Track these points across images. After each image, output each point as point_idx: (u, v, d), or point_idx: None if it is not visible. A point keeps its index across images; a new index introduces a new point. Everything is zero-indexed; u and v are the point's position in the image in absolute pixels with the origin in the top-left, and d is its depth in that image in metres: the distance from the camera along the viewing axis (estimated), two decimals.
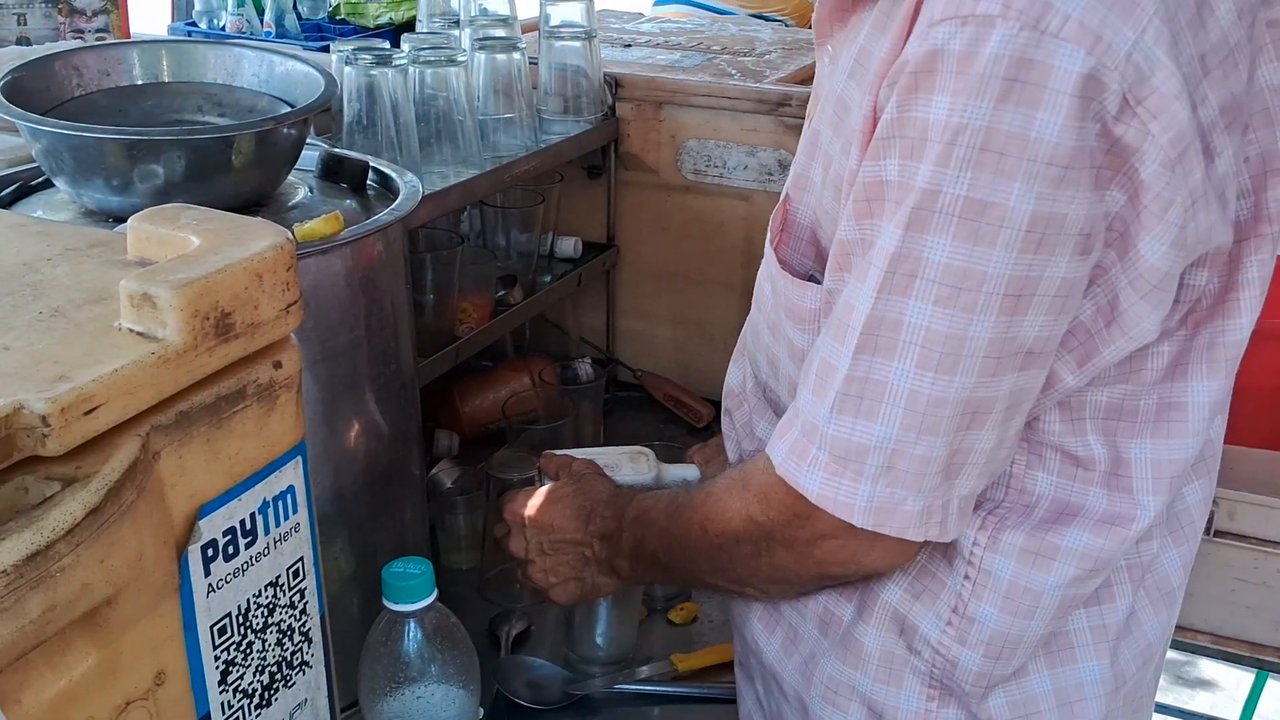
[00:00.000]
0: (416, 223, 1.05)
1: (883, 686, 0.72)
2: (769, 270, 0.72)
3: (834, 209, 0.66)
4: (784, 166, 1.32)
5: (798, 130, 1.30)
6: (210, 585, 0.58)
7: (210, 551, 0.57)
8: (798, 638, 0.77)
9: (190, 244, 0.59)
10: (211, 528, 0.57)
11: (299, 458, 0.63)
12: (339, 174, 0.92)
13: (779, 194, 1.39)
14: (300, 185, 0.90)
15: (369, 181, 0.95)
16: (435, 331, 1.16)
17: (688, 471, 0.95)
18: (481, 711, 0.73)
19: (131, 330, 0.54)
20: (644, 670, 1.01)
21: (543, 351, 1.44)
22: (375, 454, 0.90)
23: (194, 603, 0.57)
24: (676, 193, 1.38)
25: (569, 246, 1.40)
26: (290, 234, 0.61)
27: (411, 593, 0.68)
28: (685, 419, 1.43)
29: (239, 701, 0.61)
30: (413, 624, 0.68)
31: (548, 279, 1.36)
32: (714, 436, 0.97)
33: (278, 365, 0.60)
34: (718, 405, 1.32)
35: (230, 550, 0.58)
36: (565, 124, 1.34)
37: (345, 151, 0.96)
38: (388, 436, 0.91)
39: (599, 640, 1.03)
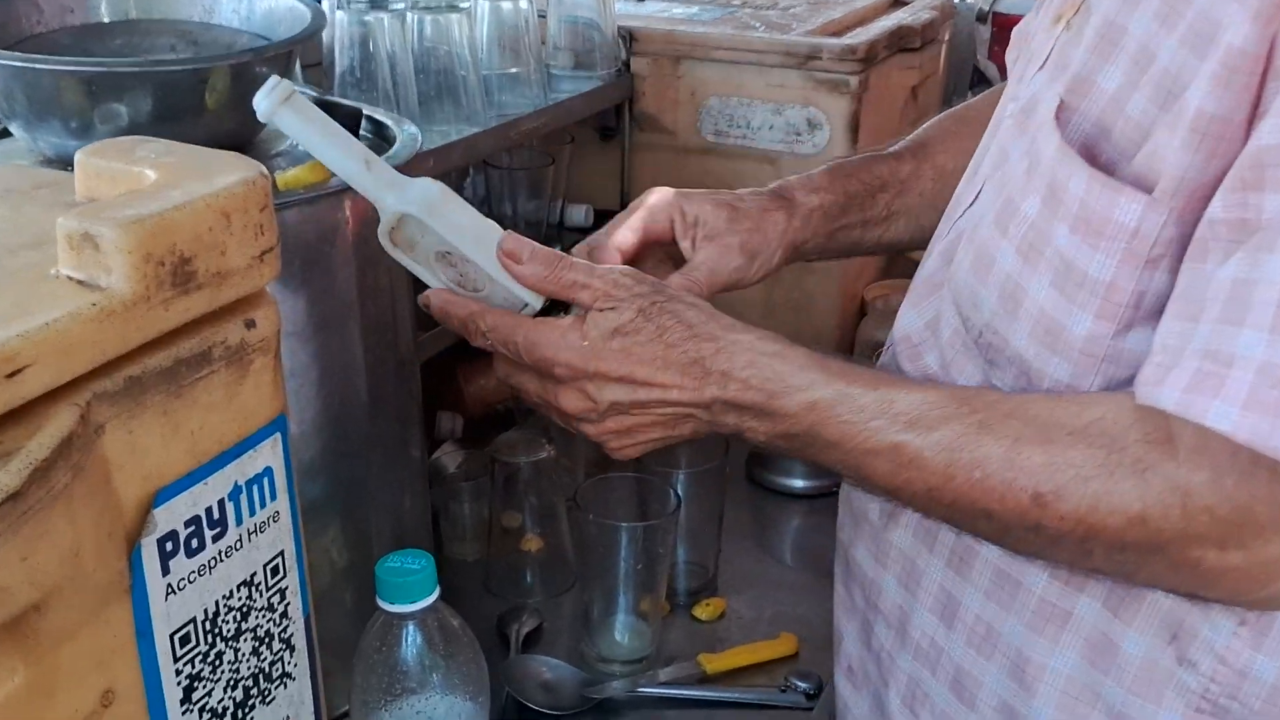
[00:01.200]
0: None
1: (1138, 700, 0.59)
2: (1044, 179, 0.57)
3: (1147, 115, 0.54)
4: (813, 125, 1.22)
5: (829, 85, 1.20)
6: (169, 586, 0.48)
7: (169, 545, 0.48)
8: (996, 635, 0.63)
9: (146, 180, 0.50)
10: (170, 517, 0.48)
11: (278, 434, 0.53)
12: None
13: (807, 156, 1.30)
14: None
15: (363, 131, 0.85)
16: None
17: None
18: None
19: (70, 278, 0.45)
20: (668, 672, 0.92)
21: None
22: (371, 434, 0.80)
23: (149, 607, 0.47)
24: (696, 155, 1.28)
25: (580, 215, 1.31)
26: (265, 169, 0.51)
27: (410, 591, 0.59)
28: None
29: None
30: (411, 627, 0.59)
31: (558, 248, 1.26)
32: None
33: (251, 324, 0.51)
34: None
35: (194, 544, 0.49)
36: (576, 81, 1.24)
37: (336, 98, 0.87)
38: (384, 415, 0.82)
39: (619, 638, 0.94)
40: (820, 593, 1.01)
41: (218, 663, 0.52)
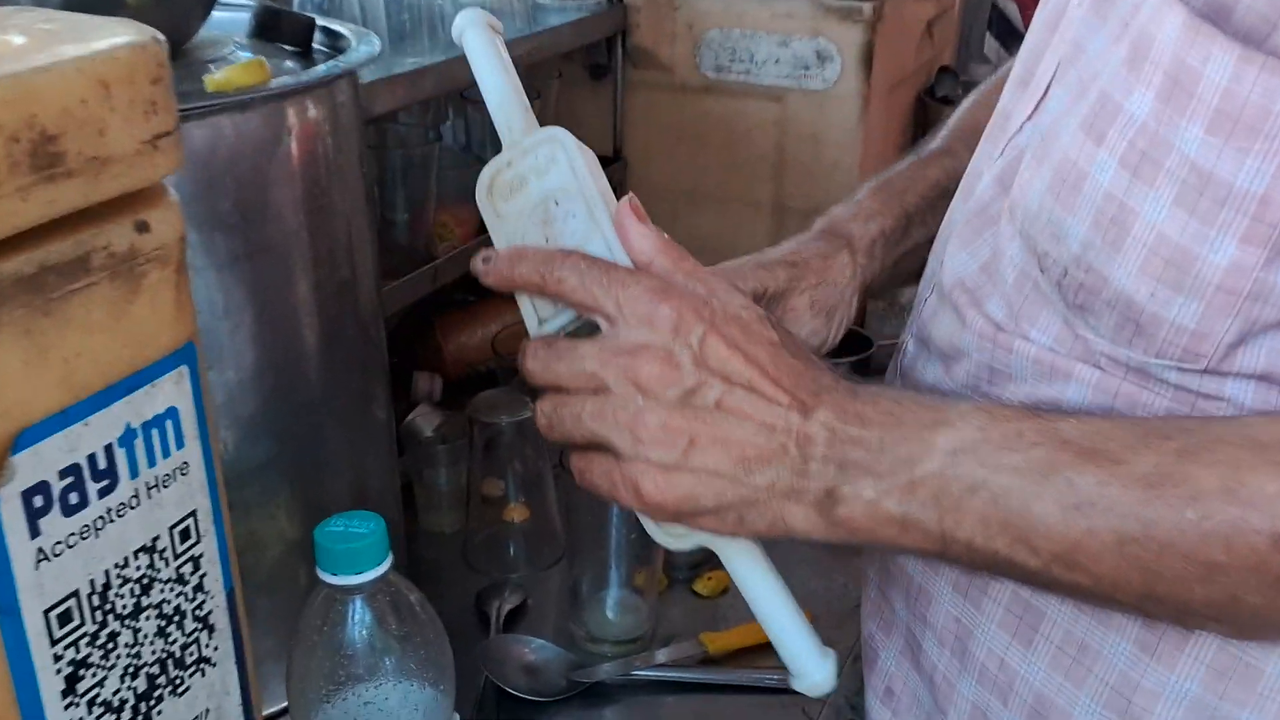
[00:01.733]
0: (383, 106, 0.86)
1: None
2: (1160, 67, 0.45)
3: None
4: (823, 58, 1.12)
5: (840, 14, 1.10)
6: (41, 550, 0.39)
7: (38, 500, 0.38)
8: (1090, 655, 0.51)
9: (11, 46, 0.40)
10: (38, 464, 0.38)
11: (185, 368, 0.44)
12: (277, 31, 0.73)
13: (817, 92, 1.20)
14: (226, 43, 0.71)
15: (317, 45, 0.75)
16: (409, 250, 0.97)
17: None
18: (458, 717, 0.55)
19: None
20: (666, 652, 0.83)
21: None
22: (325, 388, 0.71)
23: (13, 576, 0.38)
24: (695, 94, 1.18)
25: None
26: (160, 36, 0.42)
27: (356, 559, 0.49)
28: None
29: (99, 719, 0.42)
30: (358, 602, 0.50)
31: None
32: None
33: (142, 227, 0.41)
34: None
35: (73, 499, 0.40)
36: (564, 12, 1.15)
37: (284, 7, 0.76)
38: (341, 367, 0.72)
39: (610, 615, 0.85)
40: (831, 566, 0.92)
41: (111, 646, 0.42)
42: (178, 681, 0.45)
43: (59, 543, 0.39)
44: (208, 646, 0.47)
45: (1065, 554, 0.44)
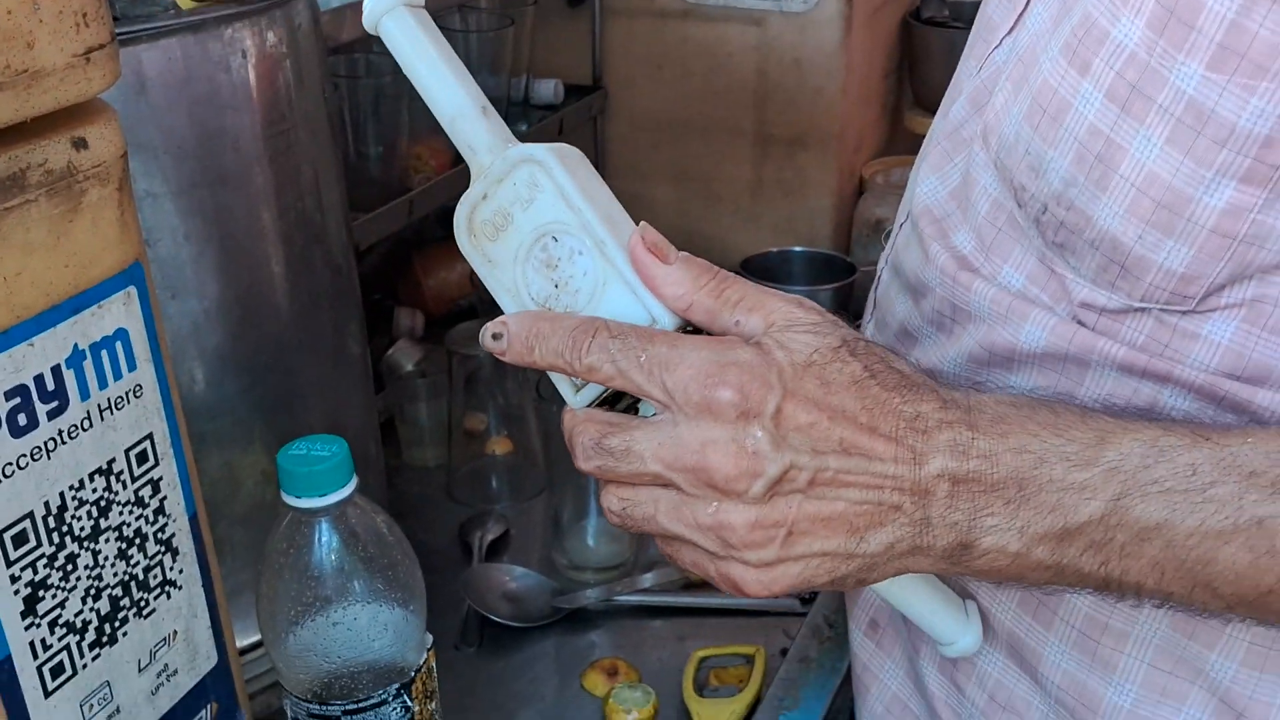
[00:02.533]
0: (351, 34, 0.84)
1: (1254, 674, 0.45)
2: None
3: None
4: None
5: None
6: None
7: None
8: (1059, 597, 0.49)
9: None
10: None
11: (132, 289, 0.43)
12: None
13: (797, 15, 1.18)
14: None
15: None
16: (383, 183, 0.96)
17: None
18: (430, 638, 0.55)
19: None
20: (648, 578, 0.84)
21: None
22: (296, 320, 0.70)
23: None
24: (674, 20, 1.16)
25: (548, 90, 1.19)
26: None
27: (319, 481, 0.49)
28: None
29: (62, 640, 0.42)
30: (324, 525, 0.50)
31: (523, 127, 1.15)
32: None
33: (80, 144, 0.40)
34: None
35: (21, 420, 0.39)
36: None
37: None
38: (312, 299, 0.71)
39: (590, 543, 0.85)
40: None
41: (70, 568, 0.42)
42: (142, 604, 0.46)
43: (9, 464, 0.39)
44: (172, 569, 0.47)
45: (1255, 599, 0.40)
